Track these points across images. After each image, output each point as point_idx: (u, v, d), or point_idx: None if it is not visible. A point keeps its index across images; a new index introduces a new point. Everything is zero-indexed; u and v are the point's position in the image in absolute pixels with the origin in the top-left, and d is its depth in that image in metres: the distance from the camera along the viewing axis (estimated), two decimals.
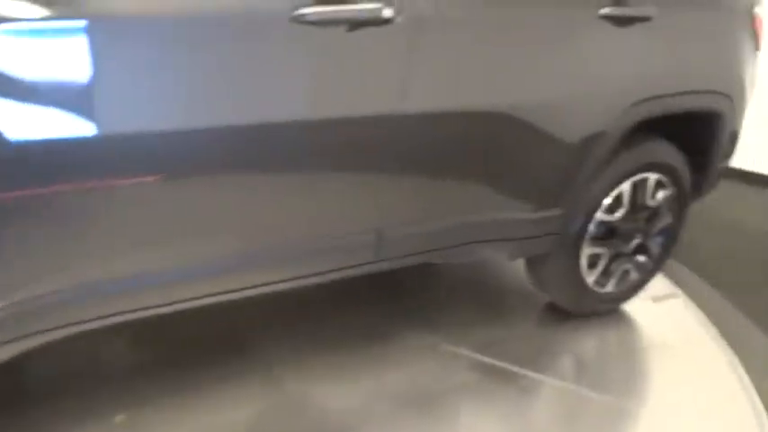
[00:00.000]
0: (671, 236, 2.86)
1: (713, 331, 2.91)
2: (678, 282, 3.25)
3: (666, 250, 2.89)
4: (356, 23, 1.78)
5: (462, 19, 1.99)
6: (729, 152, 2.94)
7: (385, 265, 2.22)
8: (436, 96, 2.02)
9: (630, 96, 2.40)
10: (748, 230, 4.09)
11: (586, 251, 2.64)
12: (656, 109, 2.48)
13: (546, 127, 2.26)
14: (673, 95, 2.51)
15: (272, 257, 1.96)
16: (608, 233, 2.67)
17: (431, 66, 1.96)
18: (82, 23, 1.47)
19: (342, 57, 1.82)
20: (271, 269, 2.00)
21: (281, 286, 2.02)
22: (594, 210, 2.58)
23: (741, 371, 2.65)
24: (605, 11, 2.24)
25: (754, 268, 3.63)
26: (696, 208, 2.93)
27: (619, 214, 2.64)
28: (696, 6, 2.55)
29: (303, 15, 1.70)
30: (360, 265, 2.15)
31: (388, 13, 1.80)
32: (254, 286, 1.97)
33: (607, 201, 2.58)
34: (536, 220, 2.46)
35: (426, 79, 1.96)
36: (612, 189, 2.58)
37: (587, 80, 2.30)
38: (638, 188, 2.65)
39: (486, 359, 2.53)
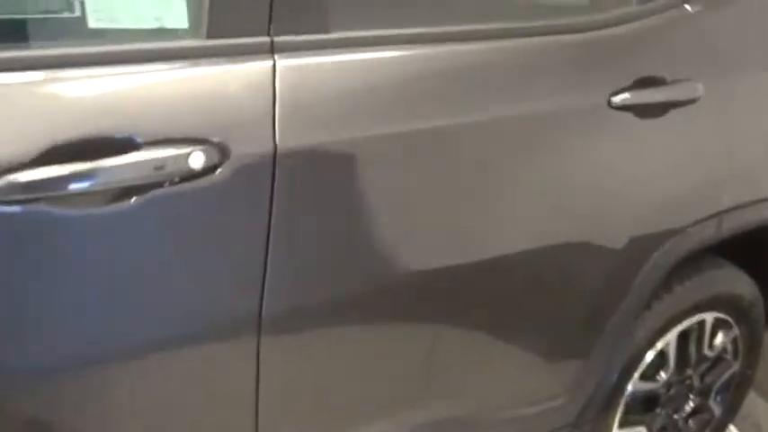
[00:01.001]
0: (739, 387, 2.00)
1: None
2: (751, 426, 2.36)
3: (733, 406, 2.04)
4: (132, 190, 0.94)
5: (348, 144, 1.11)
6: None
7: None
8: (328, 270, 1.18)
9: (672, 221, 1.51)
10: None
11: None
12: (711, 233, 1.58)
13: (534, 289, 1.39)
14: (737, 209, 1.61)
15: None
16: (648, 404, 1.82)
17: (302, 230, 1.10)
18: None
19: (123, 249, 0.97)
20: None
21: None
22: (625, 381, 1.72)
23: None
24: (620, 98, 1.36)
25: None
26: None
27: (662, 378, 1.78)
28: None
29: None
30: None
31: (198, 160, 0.96)
32: None
33: (644, 363, 1.72)
34: (535, 414, 1.59)
35: (300, 252, 1.12)
36: (650, 347, 1.72)
37: (595, 210, 1.39)
38: (689, 336, 1.80)
39: None
